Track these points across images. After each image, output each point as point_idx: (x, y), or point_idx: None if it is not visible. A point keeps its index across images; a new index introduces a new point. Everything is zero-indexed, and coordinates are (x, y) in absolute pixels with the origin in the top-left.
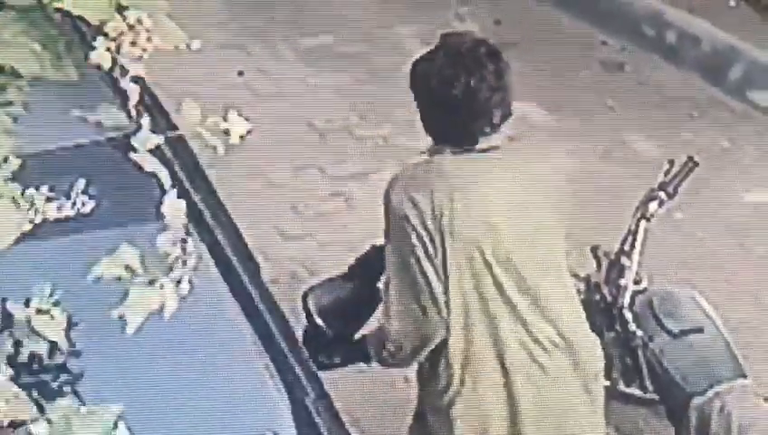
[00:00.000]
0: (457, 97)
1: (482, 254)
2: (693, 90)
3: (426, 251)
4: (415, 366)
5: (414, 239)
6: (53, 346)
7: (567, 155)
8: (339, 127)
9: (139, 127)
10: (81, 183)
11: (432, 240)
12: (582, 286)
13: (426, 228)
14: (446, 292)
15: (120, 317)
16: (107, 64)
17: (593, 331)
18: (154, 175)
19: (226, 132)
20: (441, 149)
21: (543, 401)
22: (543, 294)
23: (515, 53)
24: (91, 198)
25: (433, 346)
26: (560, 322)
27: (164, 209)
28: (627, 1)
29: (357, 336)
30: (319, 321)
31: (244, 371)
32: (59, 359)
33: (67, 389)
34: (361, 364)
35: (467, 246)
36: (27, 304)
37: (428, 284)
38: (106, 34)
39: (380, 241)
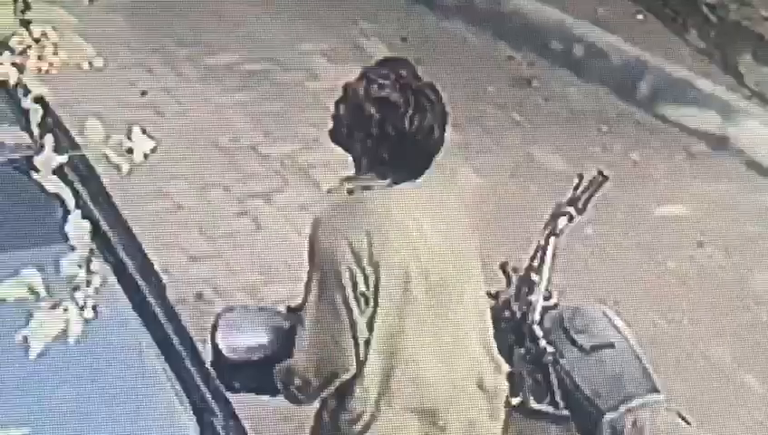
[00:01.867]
0: (421, 134)
1: (411, 284)
2: (602, 104)
3: (355, 289)
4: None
5: (346, 279)
6: None
7: (474, 172)
8: (244, 145)
9: (42, 147)
10: None
11: (366, 278)
12: (492, 303)
13: (361, 267)
14: (370, 325)
15: (24, 341)
16: (13, 80)
17: (502, 347)
18: (57, 196)
19: (130, 151)
20: (369, 184)
21: (460, 424)
22: (461, 321)
23: (421, 70)
24: None
25: (339, 382)
26: (473, 348)
27: (68, 229)
28: (533, 15)
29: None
30: (224, 350)
31: (152, 393)
32: None
33: None
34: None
35: (399, 277)
36: None
37: (352, 320)
38: (12, 49)
39: (288, 259)
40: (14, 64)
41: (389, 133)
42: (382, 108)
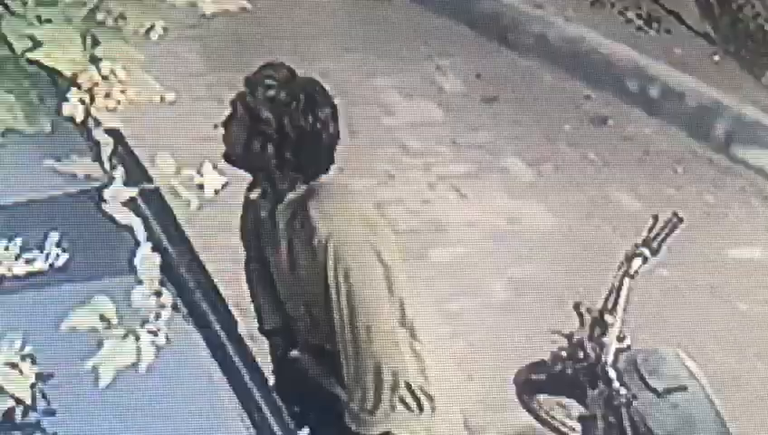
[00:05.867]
0: (318, 128)
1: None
2: (677, 145)
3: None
4: None
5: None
6: (27, 405)
7: (549, 211)
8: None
9: (112, 179)
10: (55, 236)
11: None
12: (566, 343)
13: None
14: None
15: (94, 369)
16: (80, 116)
17: (577, 388)
18: (127, 227)
19: (201, 186)
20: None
21: None
22: None
23: (497, 106)
24: (64, 251)
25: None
26: None
27: (137, 262)
28: (610, 55)
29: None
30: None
31: (221, 428)
32: (32, 417)
33: None
34: None
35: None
36: None
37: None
38: (79, 86)
39: None
40: (81, 101)
41: (289, 133)
42: (274, 109)
